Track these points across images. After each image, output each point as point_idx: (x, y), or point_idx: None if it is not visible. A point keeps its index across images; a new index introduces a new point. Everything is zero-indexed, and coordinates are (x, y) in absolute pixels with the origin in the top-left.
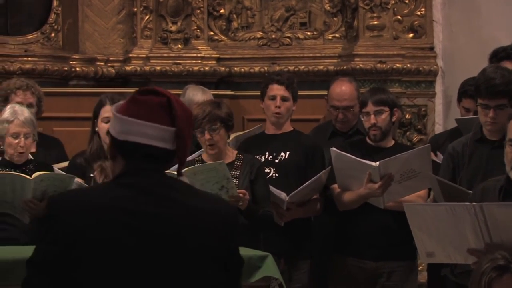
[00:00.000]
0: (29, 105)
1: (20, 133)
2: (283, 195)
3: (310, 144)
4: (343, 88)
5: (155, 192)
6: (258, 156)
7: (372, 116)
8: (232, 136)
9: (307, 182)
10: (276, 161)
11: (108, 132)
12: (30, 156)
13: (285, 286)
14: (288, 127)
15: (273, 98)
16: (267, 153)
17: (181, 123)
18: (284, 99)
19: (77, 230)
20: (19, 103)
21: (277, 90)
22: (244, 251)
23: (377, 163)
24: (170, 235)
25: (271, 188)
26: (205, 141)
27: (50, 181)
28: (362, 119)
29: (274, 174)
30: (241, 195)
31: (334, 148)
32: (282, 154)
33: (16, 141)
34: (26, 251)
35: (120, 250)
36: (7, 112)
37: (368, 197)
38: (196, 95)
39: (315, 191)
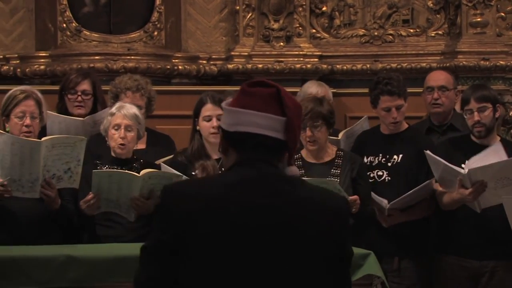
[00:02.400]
0: (137, 107)
1: (121, 124)
2: (384, 202)
3: (422, 146)
4: (439, 72)
5: (266, 183)
6: (371, 158)
7: (476, 113)
8: (341, 133)
9: (411, 191)
10: (389, 164)
11: (219, 127)
12: (133, 153)
13: (387, 284)
14: (403, 125)
15: (388, 109)
16: (380, 155)
17: (291, 113)
18: (398, 107)
19: (186, 221)
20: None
21: (390, 101)
22: None
23: (467, 170)
24: (280, 226)
25: (373, 195)
26: (306, 138)
27: (157, 179)
28: (465, 116)
29: (386, 178)
30: (353, 200)
31: (428, 152)
32: (395, 157)
33: (117, 132)
34: (130, 248)
35: (229, 242)
36: (114, 107)
37: (461, 202)
38: (311, 87)
39: (421, 197)
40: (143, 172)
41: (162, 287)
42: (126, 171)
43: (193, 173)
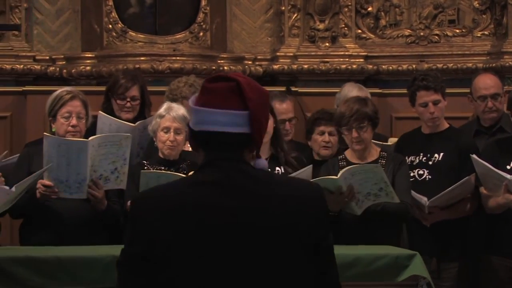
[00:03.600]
0: None
1: (170, 127)
2: (423, 200)
3: (464, 145)
4: (488, 78)
5: (231, 184)
6: (412, 157)
7: None
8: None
9: (450, 188)
10: (430, 163)
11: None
12: (180, 154)
13: (433, 285)
14: (444, 125)
15: (425, 105)
16: (421, 154)
17: (253, 105)
18: (435, 102)
19: (154, 231)
20: None
21: (426, 96)
22: (392, 250)
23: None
24: (248, 227)
25: (413, 193)
26: (352, 138)
27: None
28: None
29: (427, 176)
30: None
31: (473, 156)
32: (436, 155)
33: (167, 135)
34: None
35: (197, 245)
36: (163, 108)
37: (506, 206)
38: (351, 91)
39: (462, 195)
40: (191, 174)
41: None
42: (174, 172)
43: None
